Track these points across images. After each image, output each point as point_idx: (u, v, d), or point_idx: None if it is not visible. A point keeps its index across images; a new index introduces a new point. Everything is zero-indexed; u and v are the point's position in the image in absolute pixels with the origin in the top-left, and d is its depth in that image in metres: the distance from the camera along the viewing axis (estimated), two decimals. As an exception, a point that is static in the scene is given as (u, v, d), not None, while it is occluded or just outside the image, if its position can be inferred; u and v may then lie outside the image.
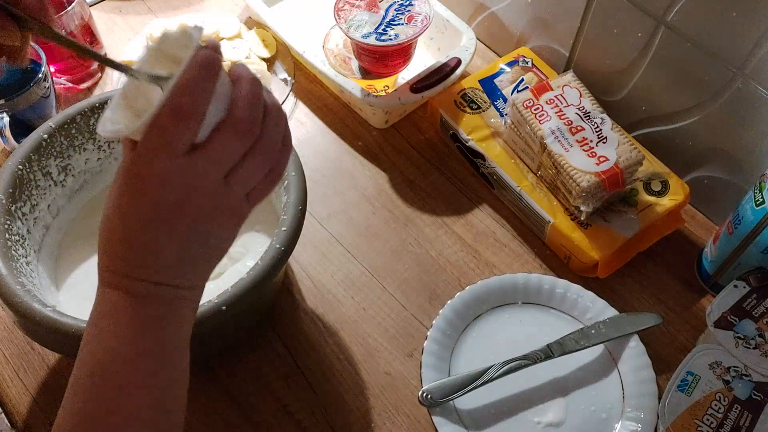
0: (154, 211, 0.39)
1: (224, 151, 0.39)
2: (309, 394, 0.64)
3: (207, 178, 0.39)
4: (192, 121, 0.38)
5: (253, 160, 0.41)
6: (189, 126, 0.38)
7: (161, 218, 0.39)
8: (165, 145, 0.38)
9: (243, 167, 0.40)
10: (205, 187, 0.39)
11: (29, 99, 0.73)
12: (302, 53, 0.82)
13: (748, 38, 0.61)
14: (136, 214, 0.39)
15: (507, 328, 0.67)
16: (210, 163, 0.39)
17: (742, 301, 0.62)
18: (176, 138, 0.38)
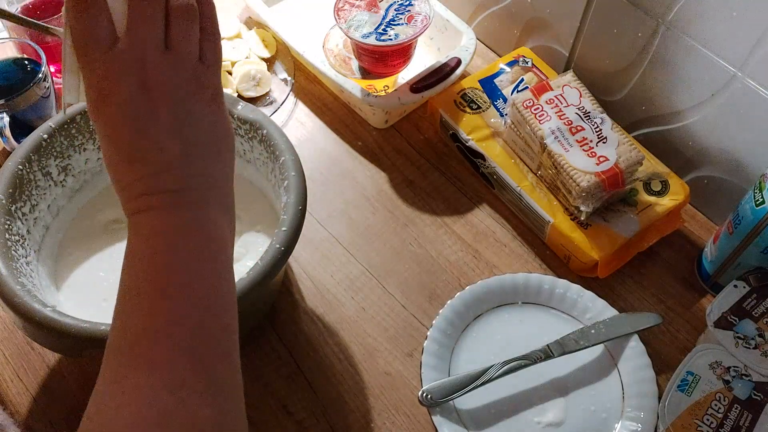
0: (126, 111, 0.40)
1: (142, 20, 0.40)
2: (309, 394, 0.64)
3: (146, 51, 0.40)
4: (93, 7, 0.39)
5: (175, 21, 0.41)
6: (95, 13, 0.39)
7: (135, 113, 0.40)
8: (89, 44, 0.40)
9: (171, 30, 0.41)
10: (149, 60, 0.40)
11: (29, 99, 0.73)
12: (302, 53, 0.82)
13: (748, 38, 0.61)
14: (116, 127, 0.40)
15: (507, 328, 0.67)
16: (137, 36, 0.40)
17: (742, 301, 0.62)
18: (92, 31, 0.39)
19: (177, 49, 0.41)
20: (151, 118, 0.40)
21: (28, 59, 0.77)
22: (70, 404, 0.63)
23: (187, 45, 0.42)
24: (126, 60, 0.40)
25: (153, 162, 0.40)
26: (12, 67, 0.77)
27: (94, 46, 0.40)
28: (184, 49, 0.42)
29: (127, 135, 0.40)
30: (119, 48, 0.40)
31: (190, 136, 0.41)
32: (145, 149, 0.40)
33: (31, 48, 0.75)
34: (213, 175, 0.43)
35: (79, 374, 0.64)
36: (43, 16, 0.79)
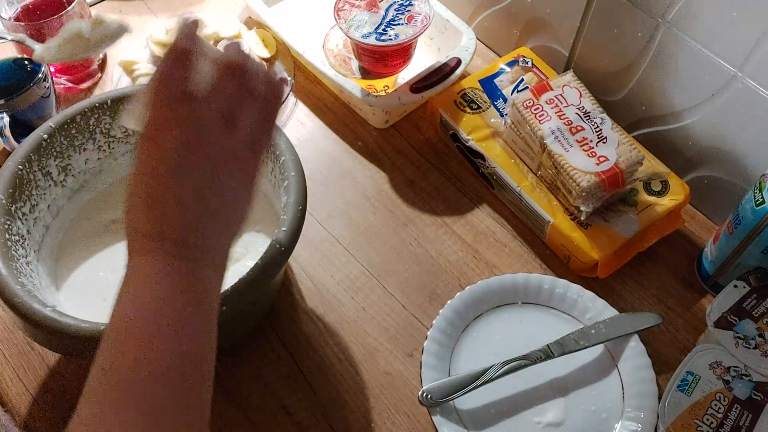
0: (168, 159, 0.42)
1: (221, 91, 0.44)
2: (309, 394, 0.64)
3: (206, 121, 0.43)
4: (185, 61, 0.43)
5: (245, 102, 0.46)
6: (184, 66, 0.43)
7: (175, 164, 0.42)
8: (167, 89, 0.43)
9: (238, 109, 0.45)
10: (205, 129, 0.43)
11: (29, 99, 0.73)
12: (302, 53, 0.82)
13: (748, 38, 0.61)
14: (153, 168, 0.42)
15: (507, 328, 0.67)
16: (209, 102, 0.44)
17: (742, 301, 0.62)
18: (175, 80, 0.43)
19: (235, 128, 0.45)
20: (186, 174, 0.42)
21: (28, 59, 0.77)
22: (70, 404, 0.62)
23: (243, 129, 0.45)
24: (188, 116, 0.43)
25: (168, 212, 0.42)
26: (12, 67, 0.77)
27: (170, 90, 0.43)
28: (241, 131, 0.45)
29: (158, 178, 0.42)
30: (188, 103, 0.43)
31: (212, 205, 0.44)
32: (169, 200, 0.42)
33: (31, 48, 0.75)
34: (220, 241, 0.45)
35: (79, 374, 0.64)
36: (42, 17, 0.79)
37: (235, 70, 0.46)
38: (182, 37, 0.45)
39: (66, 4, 0.80)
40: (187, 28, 0.46)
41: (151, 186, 0.42)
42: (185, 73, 0.43)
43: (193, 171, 0.43)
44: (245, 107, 0.46)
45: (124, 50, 0.87)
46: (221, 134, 0.44)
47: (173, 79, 0.43)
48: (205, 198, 0.43)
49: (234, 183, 0.45)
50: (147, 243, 0.42)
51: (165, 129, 0.42)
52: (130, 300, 0.41)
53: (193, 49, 0.44)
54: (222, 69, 0.45)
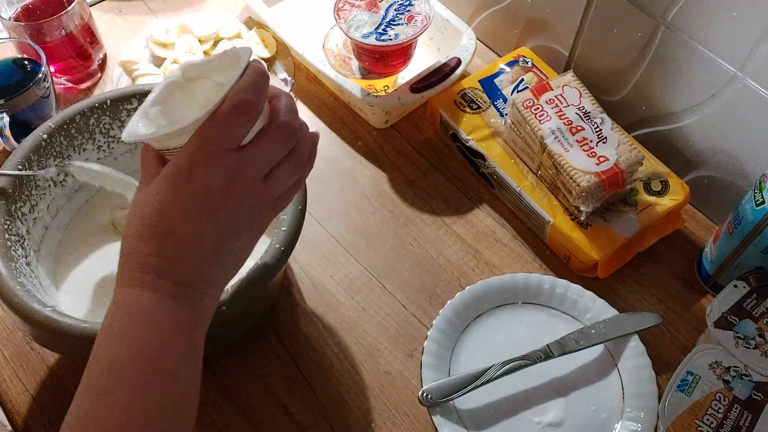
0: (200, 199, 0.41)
1: (269, 150, 0.43)
2: (309, 394, 0.64)
3: (251, 172, 0.43)
4: (251, 117, 0.42)
5: (289, 165, 0.45)
6: (247, 121, 0.42)
7: (206, 206, 0.41)
8: (223, 136, 0.41)
9: (280, 170, 0.44)
10: (248, 179, 0.42)
11: (29, 99, 0.73)
12: (302, 53, 0.82)
13: (748, 38, 0.61)
14: (182, 205, 0.41)
15: (507, 328, 0.67)
16: (256, 158, 0.43)
17: (742, 301, 0.62)
18: (234, 131, 0.42)
19: (269, 186, 0.44)
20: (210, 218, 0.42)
21: (28, 59, 0.77)
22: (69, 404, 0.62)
23: (277, 189, 0.45)
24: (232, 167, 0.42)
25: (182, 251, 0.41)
26: (12, 67, 0.77)
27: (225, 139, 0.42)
28: (273, 189, 0.45)
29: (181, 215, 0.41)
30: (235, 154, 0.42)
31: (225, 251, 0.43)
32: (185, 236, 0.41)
33: (31, 48, 0.75)
34: (217, 288, 0.45)
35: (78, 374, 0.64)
36: (42, 17, 0.79)
37: (286, 131, 0.45)
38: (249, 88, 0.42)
39: (66, 4, 0.80)
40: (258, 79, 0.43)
41: (171, 219, 0.41)
42: (243, 125, 0.42)
43: (217, 217, 0.42)
44: (286, 168, 0.45)
45: (124, 50, 0.87)
46: (258, 189, 0.43)
47: (231, 128, 0.42)
48: (221, 245, 0.43)
49: (249, 235, 0.45)
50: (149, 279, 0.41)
51: (204, 170, 0.41)
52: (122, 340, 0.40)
53: (258, 106, 0.42)
54: (274, 127, 0.44)
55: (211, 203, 0.41)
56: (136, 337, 0.40)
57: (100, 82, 0.88)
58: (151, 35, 0.86)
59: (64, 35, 0.81)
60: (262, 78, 0.43)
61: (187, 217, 0.41)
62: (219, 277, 0.44)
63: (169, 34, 0.87)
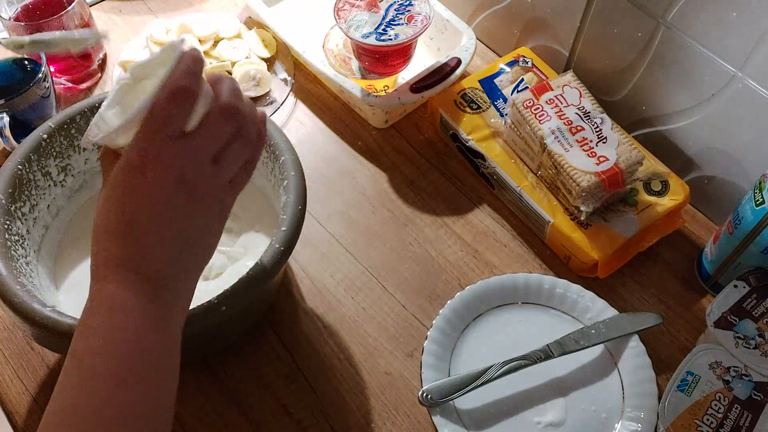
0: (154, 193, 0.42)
1: (214, 131, 0.44)
2: (309, 394, 0.64)
3: (200, 156, 0.43)
4: (189, 102, 0.42)
5: (236, 145, 0.45)
6: (187, 107, 0.42)
7: (160, 199, 0.42)
8: (165, 125, 0.42)
9: (228, 150, 0.45)
10: (198, 164, 0.43)
11: (29, 99, 0.73)
12: (302, 53, 0.82)
13: (748, 38, 0.61)
14: (138, 199, 0.42)
15: (507, 328, 0.67)
16: (202, 141, 0.43)
17: (742, 301, 0.62)
18: (175, 118, 0.42)
19: (220, 166, 0.45)
20: (169, 209, 0.42)
21: (28, 59, 0.77)
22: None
23: (228, 169, 0.45)
24: (180, 154, 0.42)
25: (150, 246, 0.42)
26: (12, 67, 0.77)
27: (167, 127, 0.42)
28: (224, 169, 0.45)
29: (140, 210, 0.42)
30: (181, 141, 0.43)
31: (190, 241, 0.44)
32: (150, 231, 0.42)
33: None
34: (190, 279, 0.45)
35: (78, 374, 0.64)
36: (42, 17, 0.79)
37: (229, 111, 0.45)
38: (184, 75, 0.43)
39: (66, 4, 0.80)
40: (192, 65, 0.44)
41: (131, 216, 0.42)
42: (183, 111, 0.43)
43: (176, 207, 0.42)
44: (233, 148, 0.45)
45: (124, 50, 0.87)
46: (207, 172, 0.44)
47: (170, 116, 0.42)
48: (184, 234, 0.43)
49: (210, 220, 0.45)
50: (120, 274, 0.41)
51: (154, 162, 0.42)
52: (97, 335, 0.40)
53: (195, 91, 0.43)
54: (217, 109, 0.44)
55: (166, 193, 0.42)
56: (110, 331, 0.40)
57: (100, 82, 0.88)
58: (151, 35, 0.86)
59: (64, 35, 0.81)
60: (195, 63, 0.43)
61: (146, 211, 0.42)
62: (188, 266, 0.44)
63: (169, 34, 0.87)
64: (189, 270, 0.45)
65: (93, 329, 0.41)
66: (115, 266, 0.42)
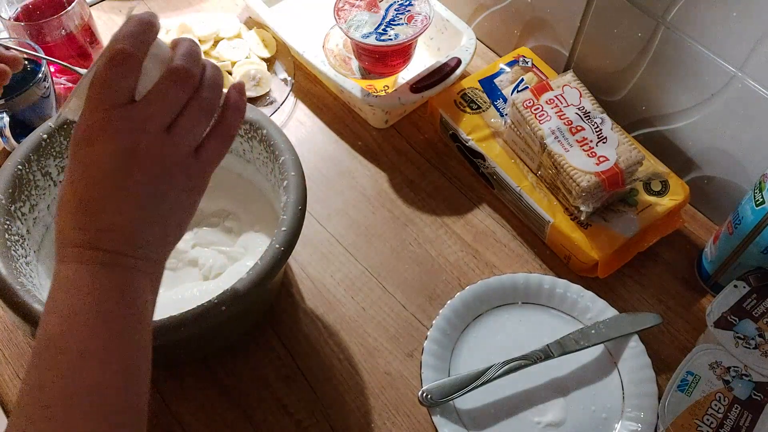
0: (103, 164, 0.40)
1: (163, 97, 0.42)
2: (309, 394, 0.64)
3: (149, 124, 0.41)
4: (129, 65, 0.41)
5: (192, 110, 0.43)
6: (127, 70, 0.41)
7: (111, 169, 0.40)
8: (106, 93, 0.40)
9: (183, 116, 0.43)
10: (147, 133, 0.41)
11: (29, 99, 0.73)
12: (302, 53, 0.82)
13: (748, 38, 0.61)
14: (87, 175, 0.40)
15: (507, 328, 0.67)
16: (150, 108, 0.41)
17: (742, 301, 0.62)
18: (116, 84, 0.40)
19: (176, 135, 0.42)
20: (122, 181, 0.41)
21: (28, 59, 0.77)
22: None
23: (186, 136, 0.43)
24: (127, 123, 0.41)
25: (103, 220, 0.41)
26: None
27: (109, 95, 0.40)
28: (181, 138, 0.43)
29: (91, 184, 0.40)
30: (127, 109, 0.41)
31: (149, 213, 0.42)
32: (102, 205, 0.40)
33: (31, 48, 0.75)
34: (154, 251, 0.43)
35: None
36: (42, 17, 0.79)
37: (179, 75, 0.42)
38: (124, 38, 0.41)
39: (66, 4, 0.80)
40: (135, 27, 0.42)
41: (82, 192, 0.41)
42: (123, 76, 0.41)
43: (127, 178, 0.41)
44: (190, 113, 0.43)
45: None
46: (160, 141, 0.41)
47: (109, 82, 0.40)
48: (141, 206, 0.41)
49: (174, 192, 0.43)
50: (77, 252, 0.40)
51: (99, 133, 0.40)
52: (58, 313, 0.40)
53: (134, 53, 0.41)
54: (166, 73, 0.42)
55: (116, 165, 0.40)
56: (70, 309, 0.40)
57: (100, 82, 0.88)
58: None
59: (64, 35, 0.81)
60: (140, 25, 0.41)
61: (97, 185, 0.40)
62: (152, 240, 0.42)
63: (169, 34, 0.87)
64: (155, 244, 0.43)
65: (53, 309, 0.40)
66: (72, 245, 0.40)
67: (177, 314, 0.53)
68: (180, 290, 0.65)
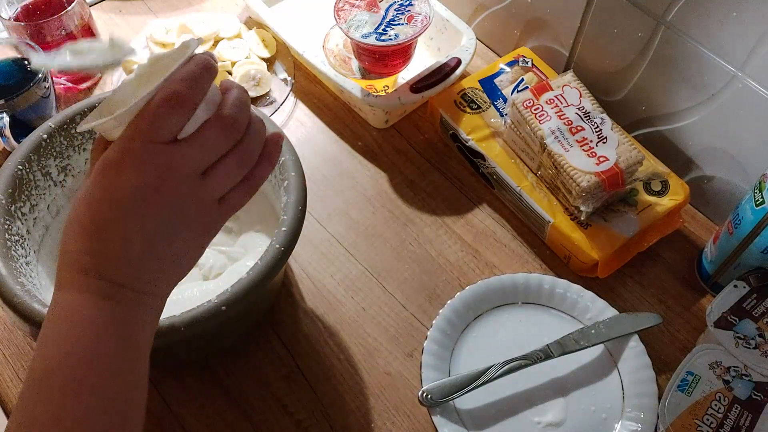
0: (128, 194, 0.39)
1: (206, 143, 0.41)
2: (309, 394, 0.64)
3: (185, 167, 0.40)
4: (184, 109, 0.40)
5: (231, 161, 0.42)
6: (180, 114, 0.40)
7: (134, 201, 0.40)
8: (152, 129, 0.39)
9: (220, 165, 0.42)
10: (181, 175, 0.40)
11: (29, 99, 0.73)
12: (302, 53, 0.82)
13: (748, 38, 0.61)
14: (110, 200, 0.40)
15: (507, 328, 0.67)
16: (191, 151, 0.40)
17: (742, 301, 0.62)
18: (165, 123, 0.40)
19: (208, 183, 0.42)
20: (141, 215, 0.40)
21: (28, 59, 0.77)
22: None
23: (218, 185, 0.42)
24: (162, 161, 0.40)
25: (114, 248, 0.40)
26: (12, 67, 0.77)
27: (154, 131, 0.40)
28: (212, 187, 0.42)
29: (109, 210, 0.40)
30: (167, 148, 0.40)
31: (160, 249, 0.41)
32: (116, 233, 0.40)
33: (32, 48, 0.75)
34: (159, 287, 0.42)
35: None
36: (42, 17, 0.79)
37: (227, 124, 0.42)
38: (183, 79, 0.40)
39: (66, 4, 0.80)
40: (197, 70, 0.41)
41: (99, 215, 0.40)
42: (174, 118, 0.40)
43: (147, 212, 0.40)
44: (228, 164, 0.42)
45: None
46: (192, 185, 0.41)
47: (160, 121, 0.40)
48: (155, 243, 0.40)
49: (189, 234, 0.42)
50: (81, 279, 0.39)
51: (132, 163, 0.40)
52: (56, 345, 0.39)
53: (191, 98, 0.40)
54: (214, 119, 0.42)
55: (140, 198, 0.39)
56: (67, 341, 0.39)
57: (100, 81, 0.88)
58: (151, 35, 0.86)
59: (64, 35, 0.81)
60: (202, 69, 0.41)
61: (116, 213, 0.40)
62: (159, 277, 0.42)
63: (169, 34, 0.87)
64: (161, 280, 0.42)
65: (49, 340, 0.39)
66: (78, 271, 0.40)
67: (177, 314, 0.53)
68: (180, 290, 0.65)
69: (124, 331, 0.40)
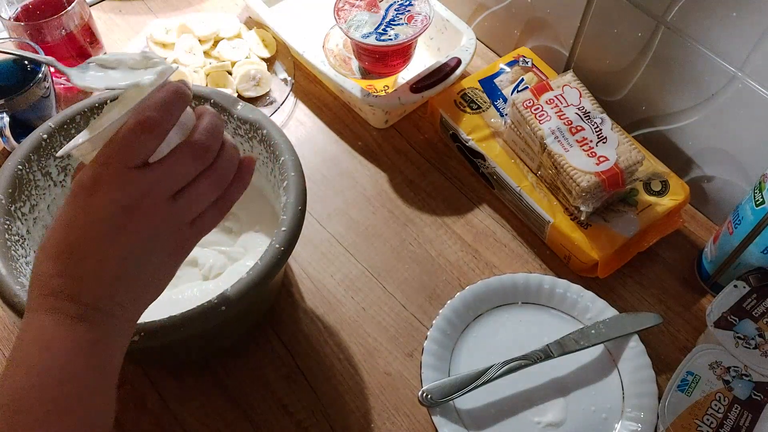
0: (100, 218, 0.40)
1: (176, 167, 0.42)
2: (309, 394, 0.64)
3: (155, 190, 0.41)
4: (154, 134, 0.41)
5: (202, 184, 0.43)
6: (151, 139, 0.41)
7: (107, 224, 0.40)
8: (123, 153, 0.41)
9: (191, 189, 0.43)
10: (152, 198, 0.41)
11: (29, 99, 0.73)
12: (302, 53, 0.82)
13: (748, 38, 0.61)
14: (83, 223, 0.40)
15: (507, 328, 0.67)
16: (161, 176, 0.41)
17: (742, 301, 0.62)
18: (136, 148, 0.41)
19: (179, 205, 0.43)
20: (114, 236, 0.41)
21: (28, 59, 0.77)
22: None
23: (189, 207, 0.43)
24: (134, 184, 0.41)
25: (86, 268, 0.40)
26: (12, 67, 0.77)
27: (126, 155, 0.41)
28: (184, 208, 0.43)
29: (81, 231, 0.40)
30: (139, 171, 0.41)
31: (132, 271, 0.42)
32: (88, 253, 0.40)
33: (31, 48, 0.75)
34: (129, 310, 0.43)
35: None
36: (42, 17, 0.79)
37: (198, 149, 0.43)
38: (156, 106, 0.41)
39: (66, 4, 0.80)
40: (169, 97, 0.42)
41: (71, 236, 0.40)
42: (145, 143, 0.41)
43: (120, 234, 0.40)
44: (199, 188, 0.43)
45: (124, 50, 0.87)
46: (164, 209, 0.42)
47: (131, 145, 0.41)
48: (127, 265, 0.41)
49: (161, 255, 0.43)
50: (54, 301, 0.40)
51: (104, 187, 0.40)
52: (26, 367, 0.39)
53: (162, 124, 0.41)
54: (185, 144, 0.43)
55: (112, 221, 0.40)
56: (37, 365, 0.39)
57: (100, 82, 0.88)
58: (151, 35, 0.86)
59: (64, 35, 0.81)
60: (174, 96, 0.42)
61: (89, 235, 0.40)
62: (130, 299, 0.42)
63: (169, 34, 0.87)
64: (130, 303, 0.42)
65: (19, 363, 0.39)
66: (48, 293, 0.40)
67: (177, 314, 0.53)
68: (180, 290, 0.65)
69: (95, 354, 0.40)
